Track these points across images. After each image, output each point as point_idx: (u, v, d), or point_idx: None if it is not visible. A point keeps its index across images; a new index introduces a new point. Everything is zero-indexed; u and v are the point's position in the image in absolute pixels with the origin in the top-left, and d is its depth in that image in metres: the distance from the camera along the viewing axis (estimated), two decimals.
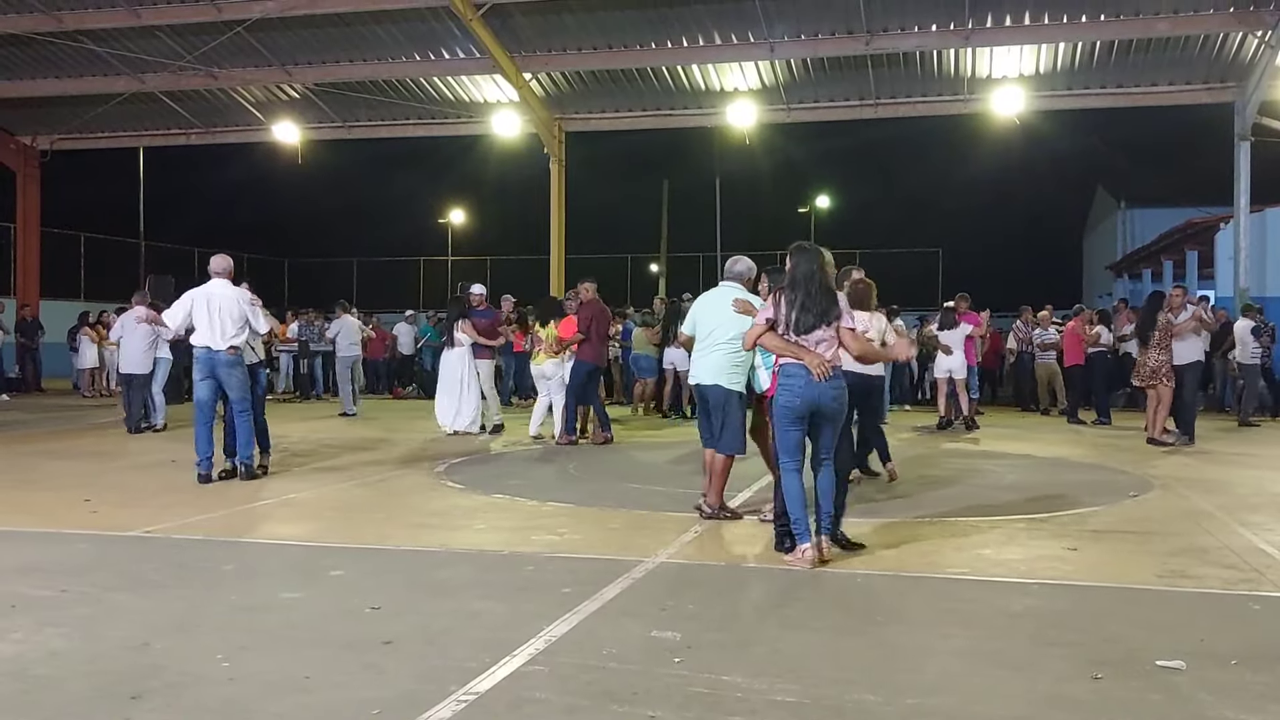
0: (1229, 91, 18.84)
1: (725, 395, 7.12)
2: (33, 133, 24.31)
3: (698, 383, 7.31)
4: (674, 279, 35.11)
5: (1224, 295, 20.03)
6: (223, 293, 9.05)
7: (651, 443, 12.68)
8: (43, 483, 9.13)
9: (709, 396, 7.22)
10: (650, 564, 5.86)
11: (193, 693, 3.83)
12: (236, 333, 8.97)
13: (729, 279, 7.40)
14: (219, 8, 18.53)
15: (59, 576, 5.58)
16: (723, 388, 7.12)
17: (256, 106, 22.80)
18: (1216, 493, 8.64)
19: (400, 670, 4.08)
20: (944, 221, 44.84)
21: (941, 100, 20.44)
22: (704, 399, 7.29)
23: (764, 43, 18.79)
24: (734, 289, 7.25)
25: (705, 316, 7.30)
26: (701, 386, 7.26)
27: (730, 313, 6.93)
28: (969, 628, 4.74)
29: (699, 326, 7.34)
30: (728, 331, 7.04)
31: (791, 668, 4.12)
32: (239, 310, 9.01)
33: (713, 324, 7.20)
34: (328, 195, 45.18)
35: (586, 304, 12.15)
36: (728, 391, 7.12)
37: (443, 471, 9.81)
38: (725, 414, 7.14)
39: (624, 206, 41.19)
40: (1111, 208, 36.39)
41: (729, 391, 7.12)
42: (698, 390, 7.40)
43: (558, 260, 22.25)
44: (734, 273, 7.42)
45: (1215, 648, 4.38)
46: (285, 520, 7.63)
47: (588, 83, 21.06)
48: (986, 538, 6.79)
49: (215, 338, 8.93)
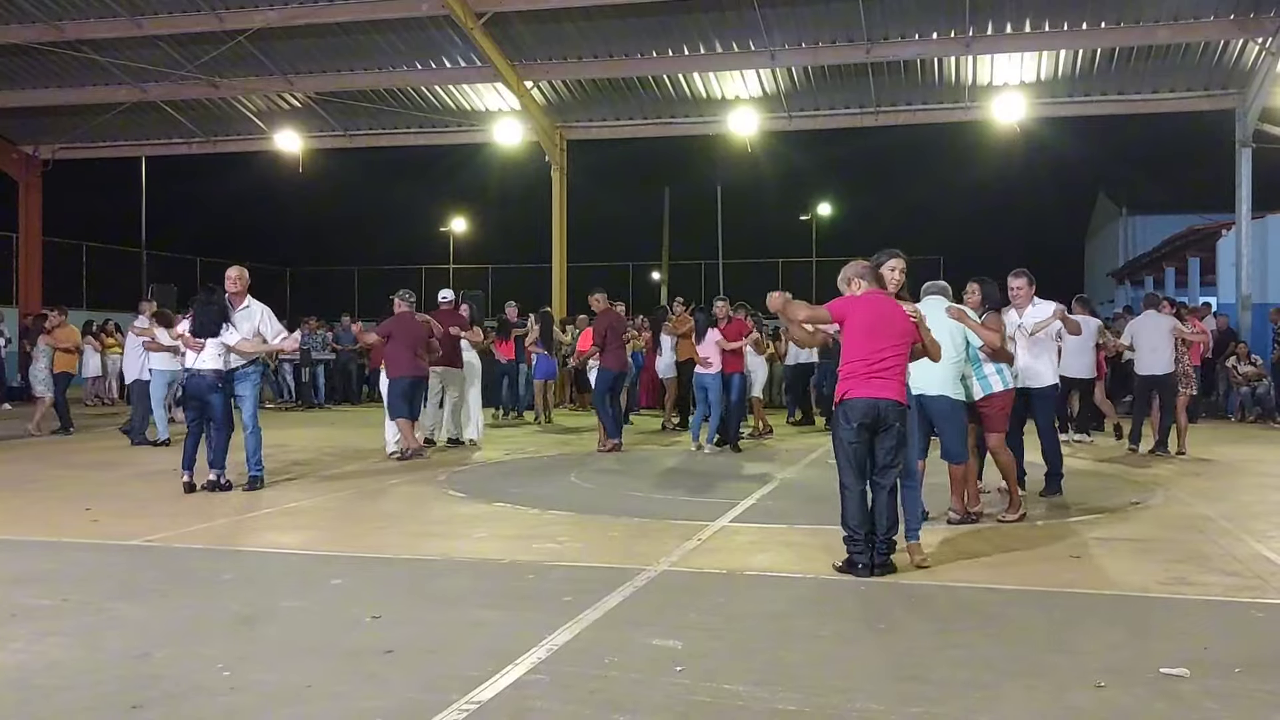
0: (1230, 98, 18.83)
1: (951, 406, 7.02)
2: (35, 142, 24.34)
3: (921, 394, 6.90)
4: (675, 287, 35.12)
5: (1226, 302, 20.01)
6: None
7: (652, 451, 12.66)
8: (43, 491, 9.12)
9: (932, 408, 7.02)
10: (652, 572, 5.85)
11: (193, 703, 3.82)
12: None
13: (933, 293, 7.31)
14: (220, 17, 18.56)
15: (59, 585, 5.57)
16: (949, 398, 7.02)
17: (258, 116, 22.84)
18: (1219, 500, 8.61)
19: (402, 680, 4.07)
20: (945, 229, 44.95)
21: (942, 108, 20.44)
22: (926, 410, 7.00)
23: (765, 51, 18.81)
24: (941, 301, 7.22)
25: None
26: (926, 398, 6.98)
27: (946, 322, 6.91)
28: (971, 635, 4.72)
29: None
30: (945, 342, 6.72)
31: (794, 676, 4.10)
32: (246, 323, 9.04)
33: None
34: (329, 204, 45.32)
35: (601, 314, 12.73)
36: (954, 402, 7.04)
37: (444, 480, 9.80)
38: (951, 424, 7.07)
39: (625, 215, 41.26)
40: (1113, 214, 36.41)
41: (955, 402, 7.05)
42: (919, 401, 6.84)
43: (559, 269, 22.25)
44: (937, 287, 7.38)
45: (1219, 655, 4.37)
46: (286, 529, 7.62)
47: (589, 91, 21.09)
48: (988, 545, 6.77)
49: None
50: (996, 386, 7.36)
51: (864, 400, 5.75)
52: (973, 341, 7.19)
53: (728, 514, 7.83)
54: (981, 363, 7.31)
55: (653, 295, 35.30)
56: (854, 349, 5.84)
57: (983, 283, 7.77)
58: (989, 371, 7.34)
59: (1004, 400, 7.46)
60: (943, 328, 6.79)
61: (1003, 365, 7.39)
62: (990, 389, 7.35)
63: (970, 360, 7.25)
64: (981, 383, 7.34)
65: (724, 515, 7.75)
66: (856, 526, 5.76)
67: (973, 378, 7.30)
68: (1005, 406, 7.52)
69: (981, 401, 7.36)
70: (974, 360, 7.28)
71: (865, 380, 5.78)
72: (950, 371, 6.96)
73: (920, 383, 7.11)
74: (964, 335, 7.11)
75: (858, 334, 5.84)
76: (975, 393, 7.33)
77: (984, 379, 7.34)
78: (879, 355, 5.80)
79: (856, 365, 5.82)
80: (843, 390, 5.86)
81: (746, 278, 31.85)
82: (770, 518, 7.73)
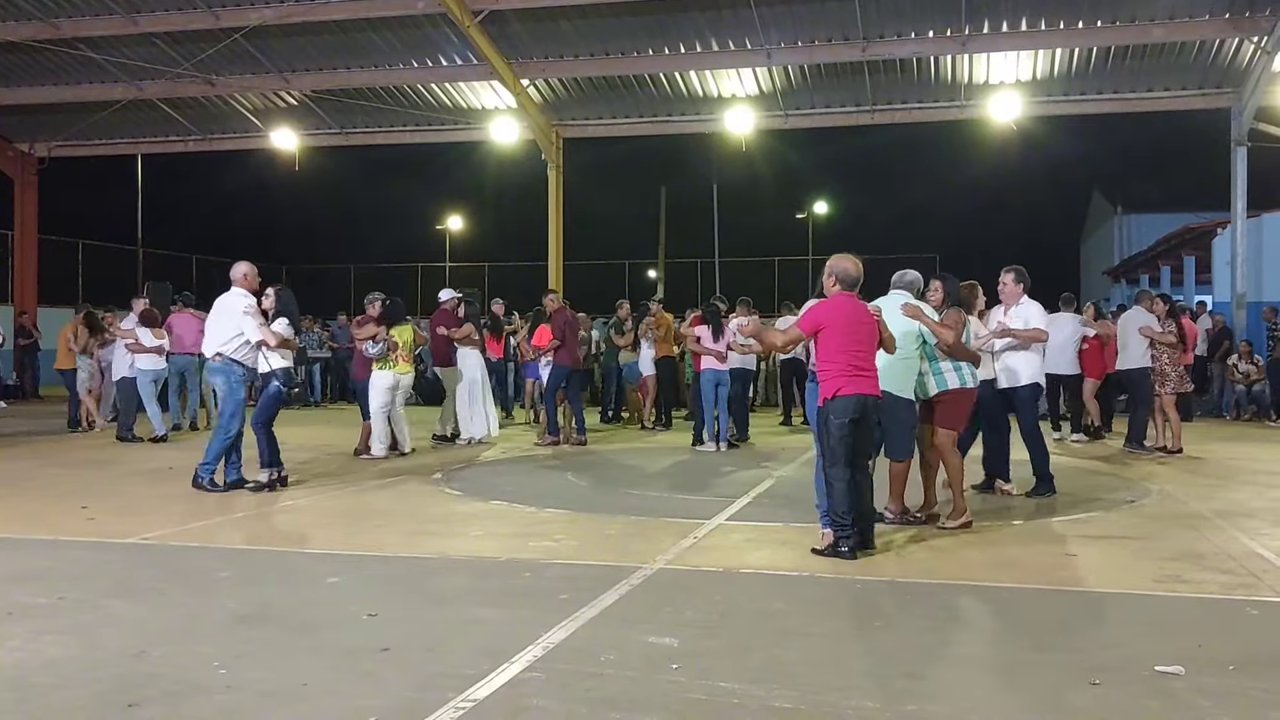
0: (1225, 97, 18.87)
1: (893, 401, 6.96)
2: (30, 140, 24.30)
3: None
4: (672, 285, 35.12)
5: (1221, 300, 20.05)
6: (222, 301, 9.06)
7: (648, 449, 12.67)
8: (40, 490, 9.11)
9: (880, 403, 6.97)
10: (648, 570, 5.86)
11: (190, 701, 3.82)
12: (225, 340, 8.89)
13: (899, 288, 7.34)
14: (216, 15, 18.54)
15: (56, 584, 5.57)
16: (891, 394, 6.94)
17: (254, 113, 22.82)
18: (1213, 498, 8.64)
19: (398, 678, 4.07)
20: (941, 227, 45.03)
21: (938, 106, 20.47)
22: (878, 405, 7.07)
23: (761, 49, 18.82)
24: (904, 296, 7.25)
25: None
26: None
27: (898, 317, 6.94)
28: (967, 633, 4.74)
29: None
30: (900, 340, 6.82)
31: (789, 674, 4.11)
32: (231, 319, 8.92)
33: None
34: (325, 202, 45.28)
35: (556, 313, 13.05)
36: (896, 398, 6.98)
37: (440, 478, 9.81)
38: (893, 419, 7.00)
39: (622, 213, 41.27)
40: (1108, 213, 36.49)
41: (897, 398, 7.00)
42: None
43: (556, 266, 22.25)
44: (904, 282, 7.38)
45: (1213, 653, 4.38)
46: (283, 527, 7.62)
47: (585, 89, 21.09)
48: (984, 543, 6.79)
49: (206, 344, 9.06)
50: (952, 384, 7.26)
51: (854, 397, 6.17)
52: (928, 339, 7.16)
53: (724, 512, 7.84)
54: (938, 359, 7.24)
55: (649, 293, 35.31)
56: (834, 350, 6.23)
57: (945, 280, 7.68)
58: (945, 368, 7.26)
59: (958, 398, 7.31)
60: (897, 324, 6.87)
61: (962, 364, 7.28)
62: (945, 385, 7.27)
63: (927, 356, 7.21)
64: (936, 379, 7.27)
65: (720, 513, 7.77)
66: (845, 513, 6.12)
67: (929, 374, 7.25)
68: (960, 404, 7.37)
69: (935, 397, 7.31)
70: (930, 356, 7.22)
71: (851, 378, 6.18)
72: (898, 367, 6.95)
73: None
74: (919, 332, 7.09)
75: (837, 336, 6.24)
76: (930, 389, 7.27)
77: (939, 375, 7.27)
78: (858, 354, 6.25)
79: (841, 365, 6.20)
80: (833, 388, 6.19)
81: (742, 276, 31.89)
82: (766, 516, 7.75)
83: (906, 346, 6.96)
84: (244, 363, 8.93)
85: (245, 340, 8.88)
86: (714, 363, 12.19)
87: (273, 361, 8.97)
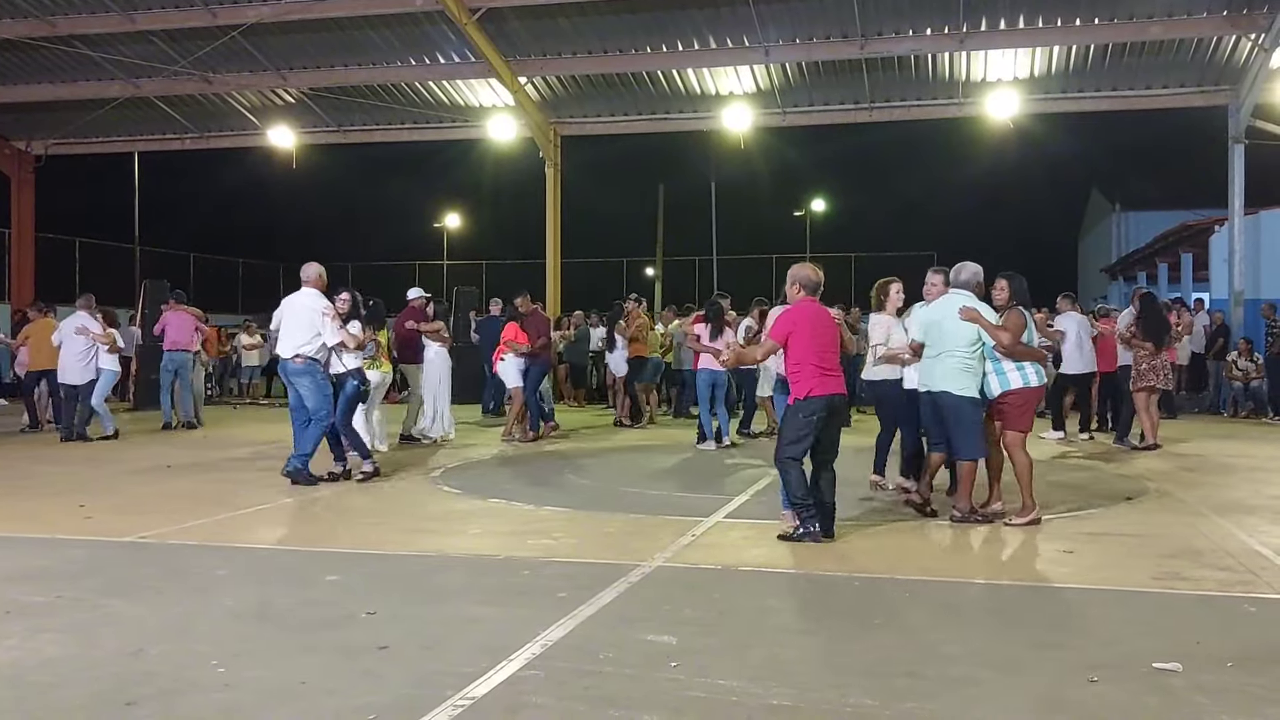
0: (1223, 94, 18.88)
1: (954, 401, 7.10)
2: (27, 137, 24.28)
3: (928, 389, 7.27)
4: (670, 283, 35.13)
5: (1219, 298, 20.06)
6: (299, 301, 9.15)
7: (646, 447, 12.67)
8: (36, 488, 9.10)
9: (938, 403, 7.19)
10: (646, 568, 5.85)
11: (188, 700, 3.82)
12: (305, 342, 9.00)
13: (956, 287, 7.39)
14: (214, 13, 18.52)
15: (53, 582, 5.56)
16: (951, 393, 7.10)
17: (251, 111, 22.80)
18: (1212, 495, 8.64)
19: (396, 676, 4.07)
20: (938, 224, 45.00)
21: (936, 104, 20.47)
22: (939, 405, 7.20)
23: (759, 47, 18.82)
24: (964, 295, 7.30)
25: (938, 323, 7.27)
26: (933, 393, 7.21)
27: (959, 320, 7.09)
28: (965, 631, 4.74)
29: (930, 333, 7.31)
30: (963, 339, 7.09)
31: (788, 672, 4.11)
32: (309, 320, 9.03)
33: (945, 330, 7.19)
34: (323, 200, 45.23)
35: (532, 314, 13.40)
36: (957, 398, 7.10)
37: (438, 476, 9.80)
38: (956, 420, 7.12)
39: (620, 211, 41.23)
40: (1106, 211, 36.50)
41: (959, 398, 7.10)
42: (927, 397, 7.32)
43: (553, 264, 22.25)
44: (960, 280, 7.43)
45: (1211, 650, 4.38)
46: (280, 525, 7.62)
47: (583, 87, 21.08)
48: (981, 541, 6.80)
49: (283, 346, 9.12)
50: (1015, 383, 7.30)
51: (825, 397, 6.56)
52: (988, 341, 7.21)
53: (722, 510, 7.84)
54: (999, 359, 7.29)
55: (647, 291, 35.32)
56: (803, 353, 6.58)
57: (1010, 278, 7.64)
58: (1007, 368, 7.31)
59: (1022, 397, 7.36)
60: (956, 324, 7.10)
61: (1024, 363, 7.32)
62: (1009, 385, 7.30)
63: (989, 357, 7.26)
64: (999, 379, 7.31)
65: (718, 511, 7.76)
66: (804, 496, 6.53)
67: (992, 374, 7.30)
68: (1027, 403, 7.45)
69: (999, 398, 7.35)
70: (992, 357, 7.27)
71: (822, 380, 6.56)
72: (958, 366, 7.07)
73: (926, 378, 7.29)
74: (978, 332, 7.15)
75: (805, 340, 6.59)
76: (993, 389, 7.31)
77: (1002, 375, 7.32)
78: (825, 356, 6.63)
79: (810, 367, 6.56)
80: (806, 389, 6.55)
81: (740, 274, 31.88)
82: (765, 513, 7.72)
83: (965, 347, 7.08)
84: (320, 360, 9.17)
85: (323, 341, 9.07)
86: (710, 362, 11.97)
87: (347, 362, 9.38)
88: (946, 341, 7.16)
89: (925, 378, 7.36)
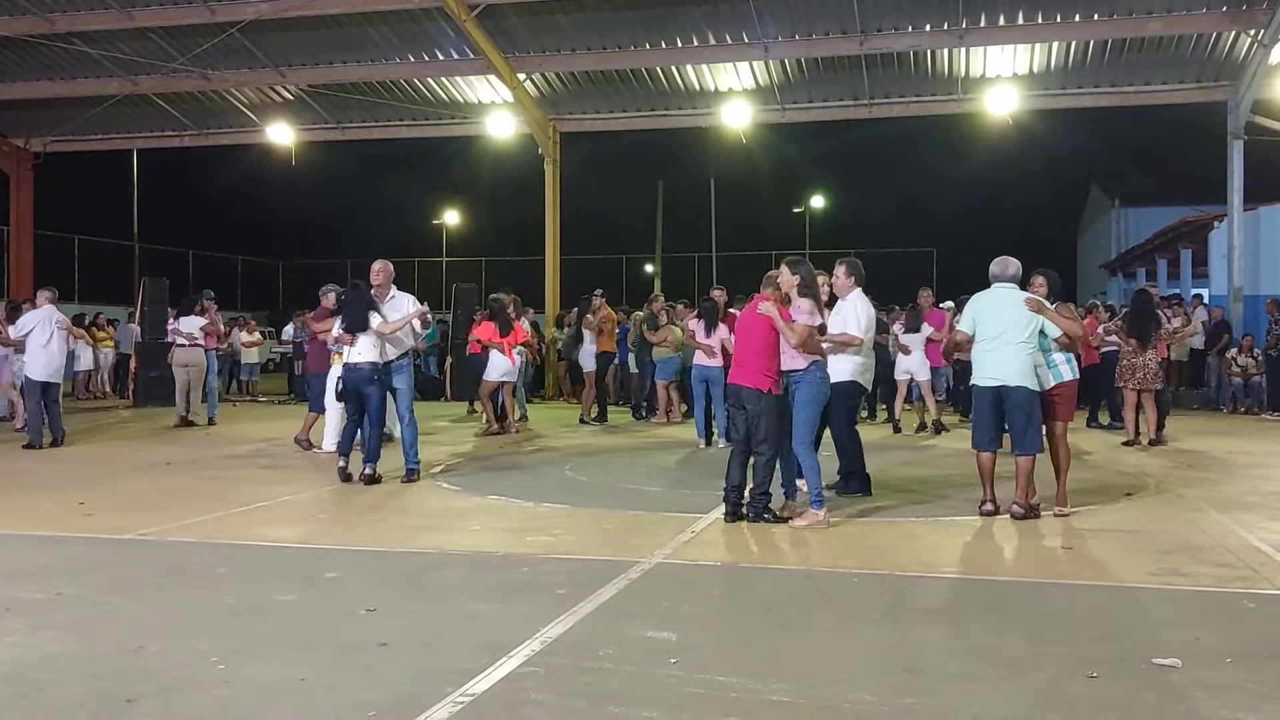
0: (1222, 90, 18.85)
1: (1029, 396, 7.14)
2: (26, 135, 24.23)
3: (1002, 384, 7.21)
4: (669, 279, 35.11)
5: (1218, 294, 20.05)
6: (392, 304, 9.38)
7: (645, 444, 12.67)
8: (37, 486, 9.10)
9: (1013, 398, 7.18)
10: (646, 565, 5.86)
11: (187, 696, 3.82)
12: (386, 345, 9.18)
13: (1005, 281, 7.46)
14: (212, 9, 18.47)
15: (54, 580, 5.57)
16: (1027, 389, 7.14)
17: (250, 108, 22.75)
18: (1210, 491, 8.65)
19: (396, 672, 4.07)
20: (937, 221, 45.04)
21: (935, 100, 20.43)
22: (1008, 399, 7.19)
23: (758, 43, 18.78)
24: (1012, 288, 7.40)
25: (993, 317, 7.29)
26: (1006, 389, 7.20)
27: (1024, 311, 7.17)
28: (964, 627, 4.75)
29: (982, 326, 7.34)
30: (1022, 331, 7.16)
31: (787, 668, 4.12)
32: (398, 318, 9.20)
33: (1004, 324, 7.21)
34: (322, 197, 45.20)
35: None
36: (1031, 393, 7.15)
37: (438, 473, 9.80)
38: (1028, 414, 7.16)
39: (619, 207, 41.22)
40: (1105, 207, 36.50)
41: (1032, 392, 7.16)
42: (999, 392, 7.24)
43: (553, 261, 22.23)
44: (1009, 275, 7.49)
45: (1210, 646, 4.39)
46: (280, 522, 7.62)
47: (582, 83, 21.04)
48: (981, 536, 6.80)
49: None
50: (1066, 375, 7.45)
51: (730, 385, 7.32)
52: (1049, 332, 7.26)
53: (721, 506, 7.81)
54: (1052, 351, 7.39)
55: (646, 287, 35.32)
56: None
57: (1047, 274, 7.80)
58: (1059, 360, 7.43)
59: (1071, 389, 7.54)
60: (1018, 317, 7.16)
61: (1070, 354, 7.48)
62: (1061, 377, 7.43)
63: (1042, 349, 7.33)
64: (1053, 371, 7.42)
65: (717, 508, 7.73)
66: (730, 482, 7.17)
67: (1044, 366, 7.37)
68: (1072, 394, 7.61)
69: (1053, 389, 7.41)
70: (1045, 349, 7.35)
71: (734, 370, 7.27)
72: (1027, 362, 7.17)
73: (999, 373, 7.23)
74: (1039, 325, 7.20)
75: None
76: (1046, 381, 7.38)
77: (1055, 367, 7.42)
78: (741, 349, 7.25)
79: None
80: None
81: (739, 270, 31.88)
82: None
83: (1027, 339, 7.15)
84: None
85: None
86: (703, 358, 11.76)
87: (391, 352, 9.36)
88: (1010, 334, 7.18)
89: (990, 370, 7.28)
